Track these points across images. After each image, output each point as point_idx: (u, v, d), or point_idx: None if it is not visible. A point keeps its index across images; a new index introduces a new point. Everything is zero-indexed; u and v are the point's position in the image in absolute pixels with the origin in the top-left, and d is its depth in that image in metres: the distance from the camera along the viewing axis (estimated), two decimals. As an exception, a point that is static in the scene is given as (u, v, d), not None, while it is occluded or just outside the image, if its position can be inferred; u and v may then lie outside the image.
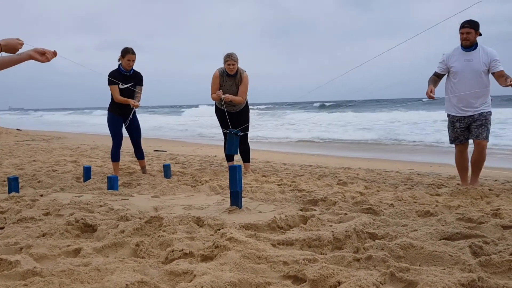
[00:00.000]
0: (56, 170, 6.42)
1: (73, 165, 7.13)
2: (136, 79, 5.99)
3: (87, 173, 5.53)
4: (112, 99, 5.99)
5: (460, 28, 4.86)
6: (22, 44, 2.60)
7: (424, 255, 2.21)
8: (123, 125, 6.11)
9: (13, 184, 4.40)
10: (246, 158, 6.38)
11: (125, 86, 5.86)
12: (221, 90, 6.08)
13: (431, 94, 4.80)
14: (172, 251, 2.33)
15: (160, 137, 17.63)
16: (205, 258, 2.29)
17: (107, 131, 6.20)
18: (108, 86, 5.90)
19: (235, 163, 6.36)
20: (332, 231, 2.60)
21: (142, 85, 6.05)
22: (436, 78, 5.07)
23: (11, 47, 2.53)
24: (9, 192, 4.36)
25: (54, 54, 2.72)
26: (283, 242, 2.54)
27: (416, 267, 2.05)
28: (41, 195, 4.25)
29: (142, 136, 6.29)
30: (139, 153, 6.23)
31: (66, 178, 5.69)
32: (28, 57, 2.65)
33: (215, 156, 9.28)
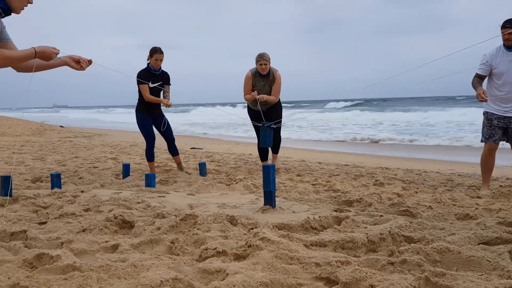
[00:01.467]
0: (96, 167, 6.62)
1: (113, 162, 7.34)
2: (164, 78, 6.04)
3: (126, 170, 5.68)
4: (140, 99, 6.00)
5: (502, 28, 4.67)
6: (57, 53, 2.63)
7: (461, 260, 2.16)
8: (154, 125, 6.13)
9: (55, 180, 4.58)
10: (275, 149, 6.36)
11: (155, 85, 5.91)
12: (255, 91, 6.09)
13: (484, 96, 4.65)
14: (206, 249, 2.36)
15: (197, 135, 17.88)
16: (238, 257, 2.31)
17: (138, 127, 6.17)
18: (138, 86, 5.92)
19: (269, 162, 6.37)
20: (367, 234, 2.57)
21: (170, 84, 6.11)
22: (480, 79, 4.92)
23: (46, 55, 2.58)
24: (52, 188, 4.54)
25: (89, 62, 2.77)
26: (316, 243, 2.53)
27: (453, 272, 2.00)
28: (82, 191, 4.40)
29: (180, 134, 6.36)
30: (173, 150, 6.27)
31: (106, 174, 5.86)
32: (64, 63, 2.72)
33: (250, 154, 9.32)
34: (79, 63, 2.71)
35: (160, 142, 6.33)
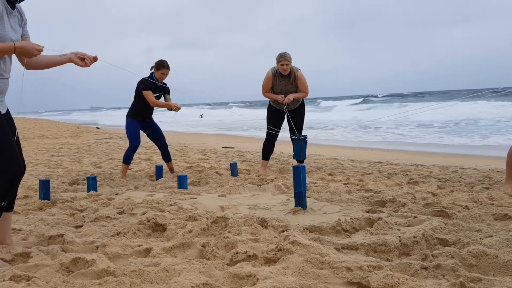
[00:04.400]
0: (131, 169, 6.75)
1: (147, 163, 7.48)
2: (165, 90, 6.06)
3: (159, 171, 5.78)
4: (134, 105, 5.97)
5: None
6: (40, 50, 2.48)
7: (499, 264, 2.08)
8: (146, 135, 6.16)
9: (91, 183, 4.70)
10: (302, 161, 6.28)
11: (156, 95, 5.92)
12: (283, 95, 5.98)
13: None
14: (236, 253, 2.37)
15: (228, 134, 17.98)
16: (268, 261, 2.31)
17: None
18: (141, 92, 5.83)
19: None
20: (399, 236, 2.52)
21: (169, 94, 6.12)
22: None
23: (27, 50, 2.43)
24: (88, 190, 4.67)
25: (94, 59, 2.71)
26: (348, 246, 2.50)
27: (489, 277, 1.94)
28: (117, 194, 4.51)
29: (214, 133, 6.35)
30: (166, 157, 6.25)
31: (140, 176, 5.98)
32: (68, 60, 2.66)
33: (282, 152, 9.31)
34: (83, 60, 2.66)
35: (189, 141, 6.38)
